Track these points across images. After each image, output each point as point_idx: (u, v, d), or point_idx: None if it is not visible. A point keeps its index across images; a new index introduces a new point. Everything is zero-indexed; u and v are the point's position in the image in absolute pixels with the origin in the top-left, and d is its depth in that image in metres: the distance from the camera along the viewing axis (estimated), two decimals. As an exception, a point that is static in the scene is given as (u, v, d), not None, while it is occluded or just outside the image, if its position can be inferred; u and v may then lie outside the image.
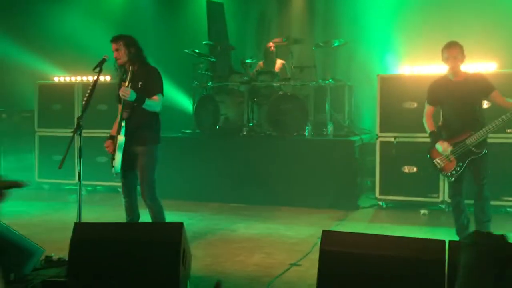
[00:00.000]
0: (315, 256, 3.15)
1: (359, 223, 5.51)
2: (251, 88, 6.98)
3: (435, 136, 4.35)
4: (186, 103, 8.11)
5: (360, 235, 3.14)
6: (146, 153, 4.18)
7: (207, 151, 6.79)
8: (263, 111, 6.95)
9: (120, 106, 4.18)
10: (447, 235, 4.09)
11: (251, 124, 6.94)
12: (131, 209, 4.31)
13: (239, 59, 7.40)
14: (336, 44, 7.05)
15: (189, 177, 6.68)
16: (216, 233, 5.12)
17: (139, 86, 4.08)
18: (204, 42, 7.46)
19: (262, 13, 9.04)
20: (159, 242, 3.19)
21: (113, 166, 4.07)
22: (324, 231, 3.13)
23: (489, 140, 4.33)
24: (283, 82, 6.98)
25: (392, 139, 5.98)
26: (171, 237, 3.19)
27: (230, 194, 6.49)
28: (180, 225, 3.21)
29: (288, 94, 6.78)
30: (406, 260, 2.85)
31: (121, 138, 4.03)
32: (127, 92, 3.94)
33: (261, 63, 7.50)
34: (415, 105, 5.77)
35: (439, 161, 4.31)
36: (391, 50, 7.38)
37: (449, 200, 5.72)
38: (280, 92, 6.81)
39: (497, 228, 4.19)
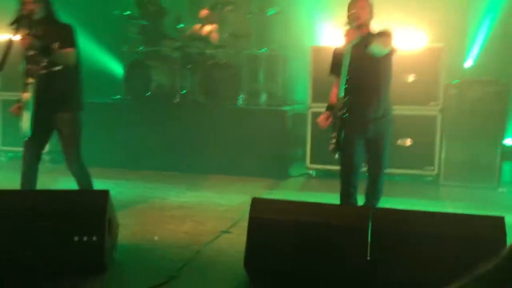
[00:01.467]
0: (245, 223, 3.16)
1: (289, 191, 5.61)
2: (184, 54, 6.81)
3: (328, 107, 4.01)
4: (116, 68, 7.78)
5: (288, 202, 3.19)
6: (72, 120, 3.96)
7: (138, 118, 6.60)
8: (196, 78, 6.82)
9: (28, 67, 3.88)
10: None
11: (183, 91, 6.79)
12: (31, 180, 3.97)
13: (172, 24, 7.16)
14: (271, 13, 6.99)
15: (119, 145, 6.49)
16: (146, 202, 5.03)
17: (55, 46, 3.77)
18: (135, 4, 7.12)
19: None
20: (83, 210, 3.07)
21: (21, 130, 3.81)
22: (253, 199, 3.15)
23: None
24: (216, 49, 6.85)
25: (323, 110, 6.06)
26: (96, 205, 3.08)
27: (162, 162, 6.39)
28: (105, 193, 3.10)
29: (222, 62, 6.67)
30: (332, 226, 2.93)
31: (27, 96, 3.76)
32: (28, 41, 3.63)
33: (195, 27, 7.29)
34: (347, 76, 5.87)
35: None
36: (326, 20, 7.42)
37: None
38: (213, 60, 6.69)
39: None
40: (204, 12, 7.20)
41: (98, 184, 4.27)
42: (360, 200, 3.92)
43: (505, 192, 5.56)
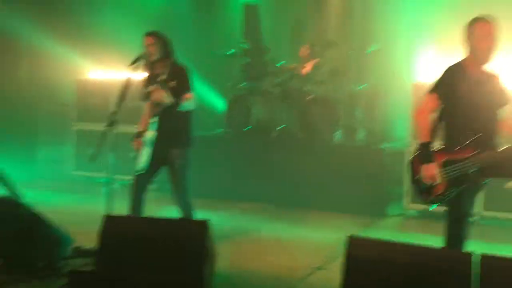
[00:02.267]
0: (339, 261, 3.12)
1: (386, 231, 5.44)
2: (284, 91, 6.99)
3: (425, 151, 3.30)
4: (219, 103, 8.19)
5: (386, 243, 3.10)
6: (183, 156, 4.24)
7: (238, 151, 6.83)
8: (294, 114, 6.95)
9: (147, 103, 4.25)
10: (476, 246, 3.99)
11: (282, 126, 6.94)
12: (137, 209, 4.24)
13: (273, 62, 7.42)
14: (370, 50, 6.98)
15: (220, 177, 6.72)
16: (244, 233, 5.15)
17: (172, 85, 4.11)
18: (239, 43, 7.51)
19: (298, 16, 9.01)
20: (183, 238, 3.24)
21: (138, 163, 4.13)
22: (350, 236, 3.11)
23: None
24: (316, 86, 6.95)
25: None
26: (196, 234, 3.23)
27: (259, 195, 6.50)
28: (204, 222, 3.25)
29: (320, 97, 6.75)
30: (433, 268, 2.80)
31: (150, 134, 4.09)
32: (161, 95, 3.97)
33: (295, 65, 7.48)
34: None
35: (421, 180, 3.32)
36: (425, 57, 7.24)
37: (484, 213, 5.62)
38: (312, 96, 6.79)
39: None
40: (304, 51, 7.38)
41: (198, 215, 4.47)
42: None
43: None
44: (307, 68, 7.24)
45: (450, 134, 3.33)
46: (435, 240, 3.74)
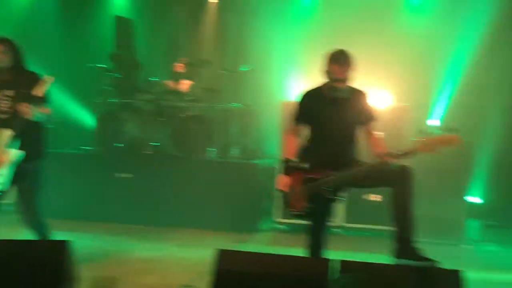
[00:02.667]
0: (210, 277, 3.10)
1: (258, 246, 5.54)
2: (157, 107, 6.87)
3: (287, 166, 3.60)
4: (88, 119, 7.78)
5: (254, 255, 3.16)
6: (34, 171, 3.90)
7: (108, 170, 6.52)
8: (168, 131, 6.85)
9: None
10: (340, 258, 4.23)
11: (155, 144, 6.79)
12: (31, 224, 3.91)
13: (146, 77, 7.28)
14: (243, 70, 7.19)
15: (88, 196, 6.37)
16: (110, 255, 4.89)
17: (24, 94, 3.76)
18: (110, 58, 7.23)
19: (173, 34, 9.00)
20: (39, 260, 2.97)
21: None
22: (219, 250, 3.10)
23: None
24: (190, 103, 6.95)
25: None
26: (53, 255, 2.99)
27: (130, 215, 6.26)
28: (63, 243, 3.02)
29: (194, 115, 6.75)
30: (295, 276, 2.90)
31: (18, 153, 3.71)
32: (28, 110, 3.64)
33: (168, 82, 7.41)
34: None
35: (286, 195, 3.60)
36: (294, 77, 7.66)
37: (346, 225, 6.02)
38: (186, 113, 6.76)
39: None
40: (178, 66, 7.35)
41: (62, 237, 4.14)
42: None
43: (470, 249, 5.63)
44: (184, 86, 7.22)
45: (311, 153, 3.62)
46: (302, 252, 3.91)
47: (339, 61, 3.46)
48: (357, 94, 3.61)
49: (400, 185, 3.35)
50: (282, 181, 3.59)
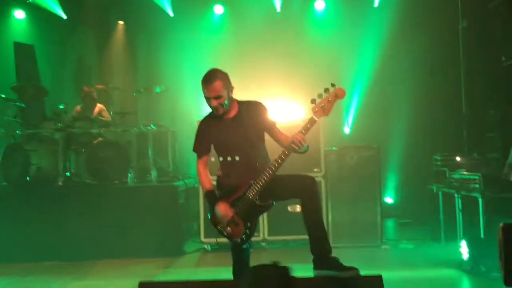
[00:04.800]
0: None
1: (185, 269, 5.45)
2: (67, 135, 6.57)
3: (212, 197, 3.54)
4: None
5: (176, 284, 3.10)
6: None
7: (17, 205, 6.11)
8: (82, 159, 6.57)
9: None
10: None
11: (67, 174, 6.48)
12: None
13: (53, 105, 6.94)
14: (157, 91, 7.08)
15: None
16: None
17: None
18: (11, 86, 6.80)
19: (80, 57, 8.70)
20: None
21: None
22: (140, 283, 3.01)
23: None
24: (103, 128, 6.72)
25: (214, 182, 6.12)
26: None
27: (45, 252, 5.90)
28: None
29: (108, 140, 6.54)
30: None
31: None
32: None
33: (78, 107, 7.12)
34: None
35: (223, 228, 3.49)
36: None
37: (269, 238, 6.09)
38: (100, 139, 6.53)
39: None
40: (86, 90, 7.09)
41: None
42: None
43: (388, 248, 5.93)
44: (95, 111, 6.98)
45: (224, 177, 3.60)
46: (229, 270, 3.89)
47: (205, 81, 3.48)
48: (249, 105, 3.62)
49: (306, 196, 3.42)
50: (222, 208, 3.46)
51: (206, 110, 3.78)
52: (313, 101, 3.41)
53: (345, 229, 5.96)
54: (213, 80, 3.46)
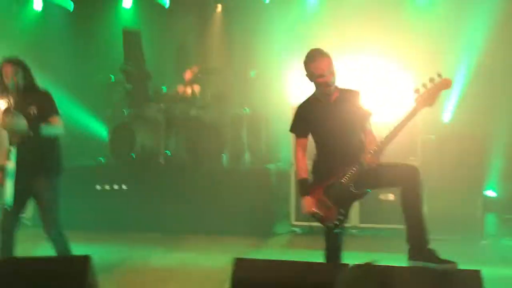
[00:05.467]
0: (228, 285, 3.12)
1: (275, 250, 5.57)
2: (168, 116, 6.94)
3: (303, 186, 3.55)
4: (101, 130, 7.87)
5: (271, 262, 3.17)
6: (50, 185, 3.96)
7: (123, 180, 6.59)
8: (180, 140, 6.91)
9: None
10: (357, 259, 4.23)
11: (167, 153, 6.86)
12: (9, 248, 3.89)
13: (156, 87, 7.35)
14: (252, 75, 7.22)
15: (103, 206, 6.44)
16: (130, 265, 4.95)
17: (31, 111, 3.83)
18: (120, 69, 7.32)
19: (181, 43, 9.08)
20: (62, 276, 3.03)
21: (3, 198, 3.78)
22: (236, 259, 3.13)
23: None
24: (201, 110, 7.00)
25: (310, 167, 6.15)
26: (76, 271, 3.04)
27: (146, 223, 6.32)
28: (85, 258, 3.07)
29: (205, 122, 6.81)
30: (315, 283, 2.92)
31: (10, 165, 3.77)
32: (8, 121, 3.67)
33: (179, 87, 7.48)
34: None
35: (315, 211, 3.48)
36: (302, 79, 7.67)
37: (361, 225, 6.01)
38: (197, 121, 6.81)
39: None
40: (188, 74, 7.42)
41: (79, 248, 4.20)
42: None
43: (488, 244, 5.59)
44: (194, 90, 7.28)
45: (320, 162, 3.58)
46: (319, 254, 3.93)
47: (317, 55, 3.43)
48: (350, 92, 3.57)
49: (408, 186, 3.33)
50: (307, 203, 3.50)
51: (299, 95, 3.77)
52: (416, 90, 3.29)
53: (442, 221, 5.68)
54: (326, 54, 3.45)
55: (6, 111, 3.77)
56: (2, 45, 7.39)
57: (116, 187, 6.47)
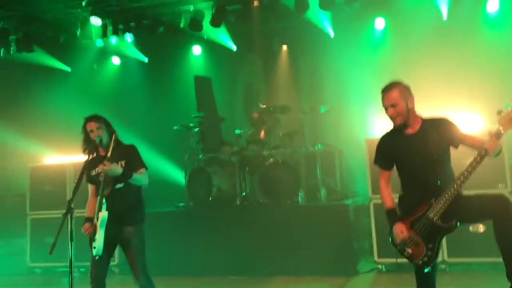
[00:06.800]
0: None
1: (360, 290, 5.37)
2: (242, 158, 7.05)
3: (392, 216, 3.47)
4: (178, 176, 8.14)
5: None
6: (137, 233, 4.12)
7: (202, 224, 6.70)
8: (255, 180, 6.97)
9: (91, 186, 4.17)
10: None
11: (244, 194, 6.93)
12: None
13: (229, 130, 7.54)
14: (322, 111, 7.20)
15: (185, 251, 6.54)
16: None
17: (121, 165, 4.03)
18: (193, 116, 7.60)
19: (249, 84, 9.32)
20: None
21: (94, 248, 3.96)
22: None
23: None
24: (273, 150, 7.05)
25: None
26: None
27: (226, 267, 6.34)
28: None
29: (279, 161, 6.84)
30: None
31: (103, 214, 3.95)
32: (109, 166, 3.88)
33: (251, 132, 7.61)
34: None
35: (403, 248, 3.38)
36: (374, 112, 7.55)
37: (449, 260, 5.66)
38: (271, 160, 6.87)
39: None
40: (255, 115, 7.55)
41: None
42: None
43: None
44: (262, 134, 7.39)
45: (405, 195, 3.49)
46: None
47: (382, 91, 3.47)
48: (434, 121, 3.44)
49: (499, 216, 3.13)
50: (399, 229, 3.37)
51: (373, 128, 3.72)
52: (499, 112, 3.14)
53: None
54: (391, 88, 3.44)
55: (105, 159, 4.00)
56: (85, 101, 7.98)
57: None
